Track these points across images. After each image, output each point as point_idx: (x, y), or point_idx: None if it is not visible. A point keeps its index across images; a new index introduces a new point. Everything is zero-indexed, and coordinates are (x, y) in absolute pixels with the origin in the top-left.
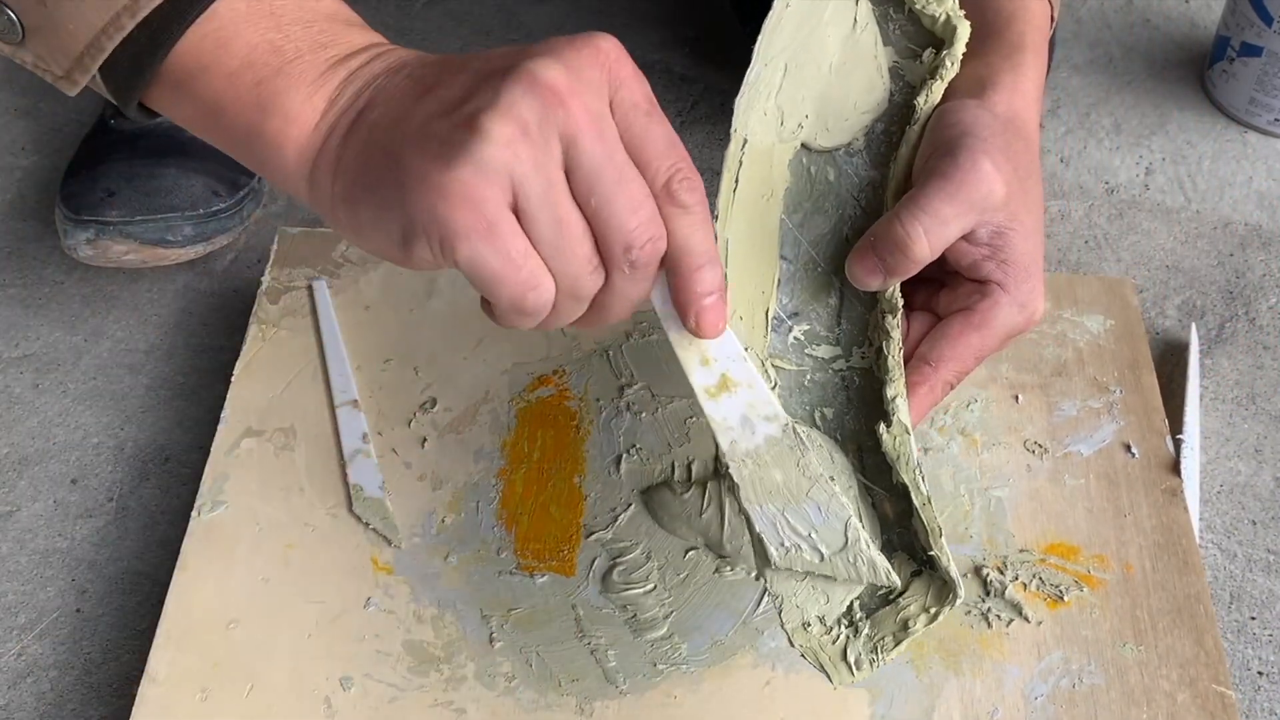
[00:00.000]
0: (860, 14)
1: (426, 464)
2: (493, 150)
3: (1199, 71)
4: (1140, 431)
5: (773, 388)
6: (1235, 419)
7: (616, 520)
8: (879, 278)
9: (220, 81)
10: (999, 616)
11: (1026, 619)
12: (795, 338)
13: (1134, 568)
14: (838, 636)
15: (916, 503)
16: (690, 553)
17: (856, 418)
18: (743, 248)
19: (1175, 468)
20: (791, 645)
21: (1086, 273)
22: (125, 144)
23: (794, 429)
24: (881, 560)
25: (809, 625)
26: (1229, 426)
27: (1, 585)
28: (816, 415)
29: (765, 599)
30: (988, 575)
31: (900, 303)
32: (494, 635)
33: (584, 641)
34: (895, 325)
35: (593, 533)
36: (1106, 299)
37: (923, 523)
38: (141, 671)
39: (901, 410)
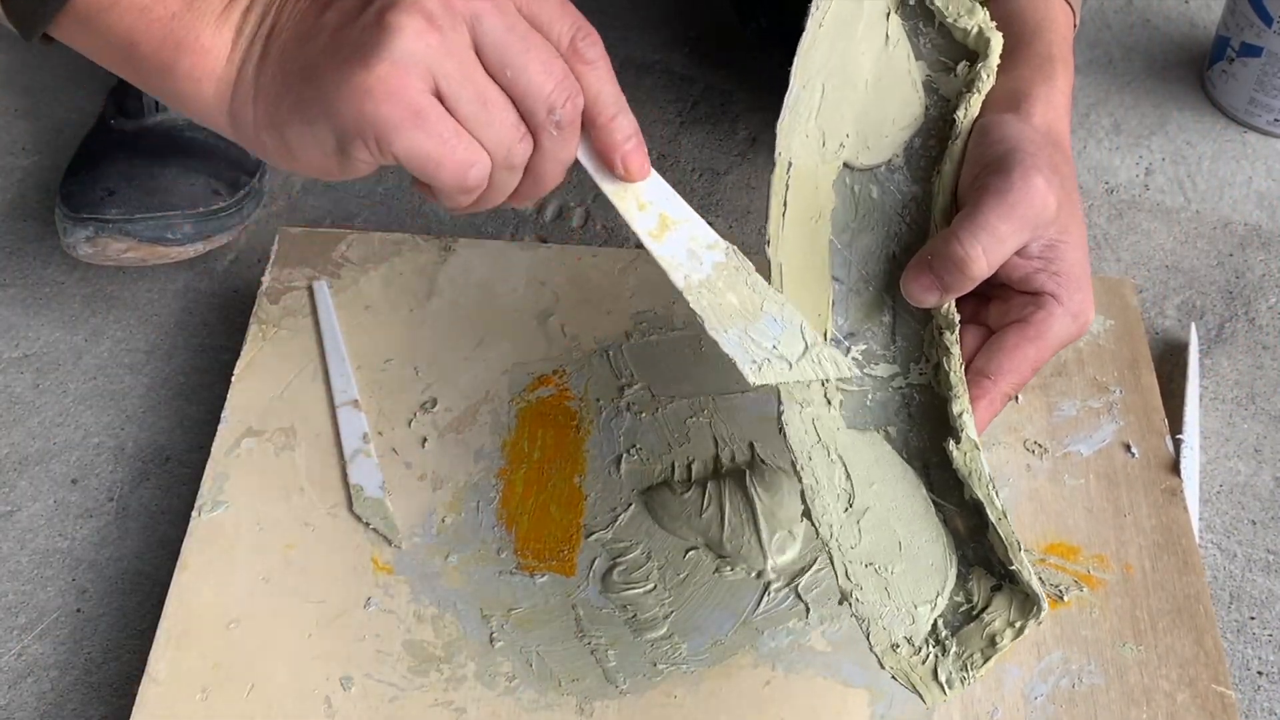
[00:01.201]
0: (891, 30)
1: (426, 464)
2: (406, 42)
3: (1199, 71)
4: (1140, 431)
5: (839, 407)
6: (1235, 419)
7: (616, 520)
8: (935, 295)
9: (131, 16)
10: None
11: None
12: (854, 358)
13: (1134, 568)
14: (927, 656)
15: (992, 518)
16: (690, 553)
17: (920, 435)
18: (796, 271)
19: (1175, 468)
20: (882, 667)
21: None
22: (125, 143)
23: (734, 251)
24: (841, 357)
25: (898, 647)
26: (1229, 426)
27: (1, 585)
28: (881, 433)
29: (765, 599)
30: None
31: (957, 318)
32: (494, 635)
33: (584, 641)
34: (954, 341)
35: (593, 533)
36: (1106, 299)
37: (1000, 537)
38: (141, 671)
39: (969, 426)
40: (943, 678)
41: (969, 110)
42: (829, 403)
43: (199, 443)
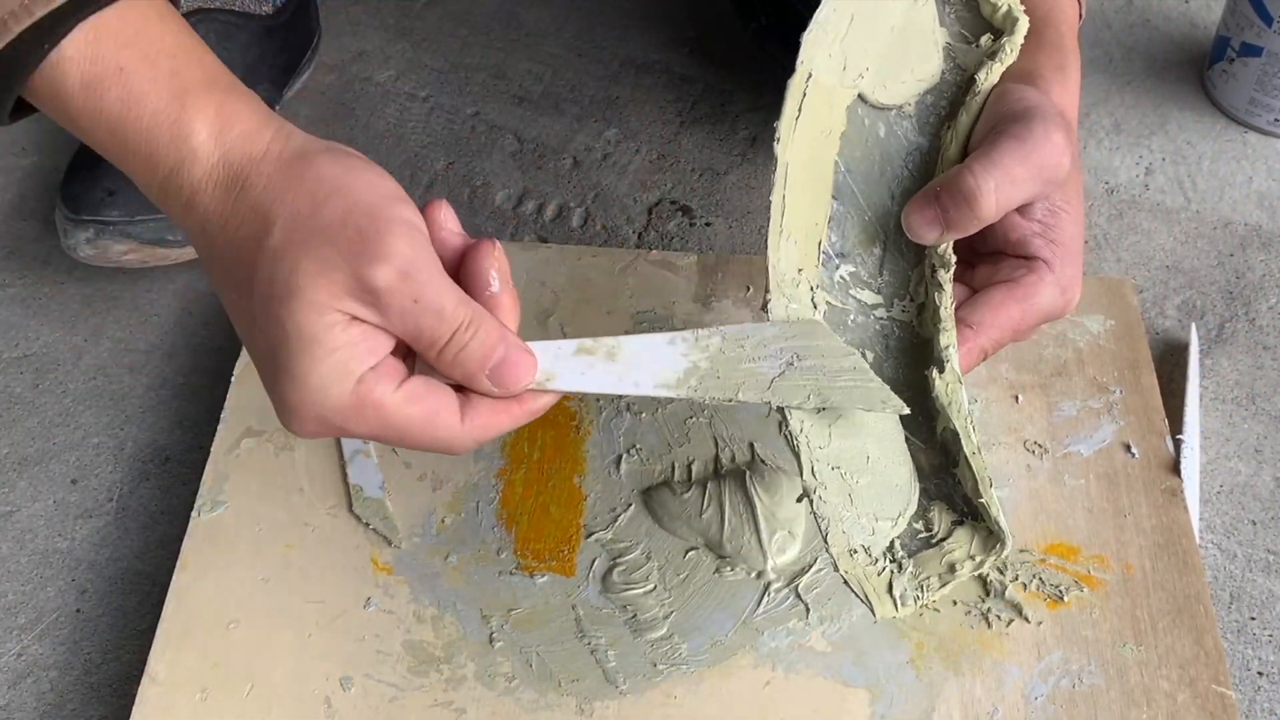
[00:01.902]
0: None
1: (426, 464)
2: (295, 430)
3: (1199, 71)
4: (1140, 431)
5: (821, 316)
6: (1235, 419)
7: (616, 520)
8: (937, 230)
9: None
10: (999, 616)
11: (1026, 619)
12: (841, 277)
13: (1134, 568)
14: (882, 569)
15: (966, 450)
16: (690, 553)
17: (894, 367)
18: (801, 175)
19: (1175, 468)
20: (836, 570)
21: (1086, 273)
22: None
23: (683, 339)
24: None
25: (855, 553)
26: (1229, 426)
27: (1, 585)
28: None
29: (765, 599)
30: (988, 575)
31: (953, 259)
32: (494, 635)
33: (584, 641)
34: (948, 280)
35: (593, 533)
36: (1106, 299)
37: (971, 471)
38: (141, 671)
39: (954, 359)
40: (897, 592)
41: (989, 75)
42: (814, 307)
43: (199, 443)
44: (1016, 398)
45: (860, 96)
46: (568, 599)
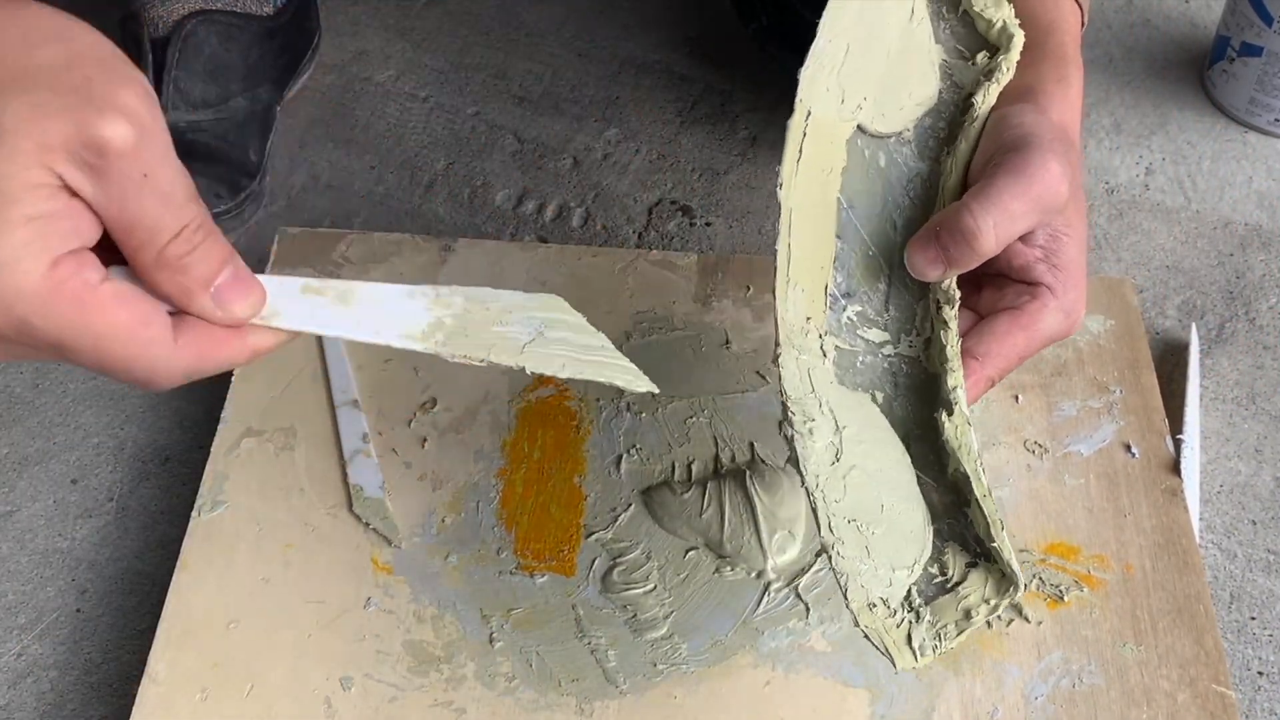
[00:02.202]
0: (917, 6)
1: (426, 464)
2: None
3: (1199, 71)
4: (1140, 431)
5: (832, 363)
6: (1235, 419)
7: (616, 520)
8: (940, 269)
9: None
10: (999, 616)
11: (1026, 619)
12: (849, 318)
13: (1134, 568)
14: (901, 620)
15: (977, 493)
16: (690, 553)
17: (904, 405)
18: (804, 219)
19: (1175, 468)
20: (856, 625)
21: (1086, 273)
22: None
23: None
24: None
25: (874, 607)
26: (1229, 426)
27: (1, 585)
28: (869, 397)
29: (765, 599)
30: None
31: (957, 295)
32: (494, 635)
33: (584, 641)
34: (953, 316)
35: (593, 533)
36: (1106, 299)
37: (982, 514)
38: (141, 671)
39: (962, 401)
40: (915, 643)
41: (986, 98)
42: (824, 355)
43: (199, 443)
44: (1016, 398)
45: (859, 127)
46: (568, 599)
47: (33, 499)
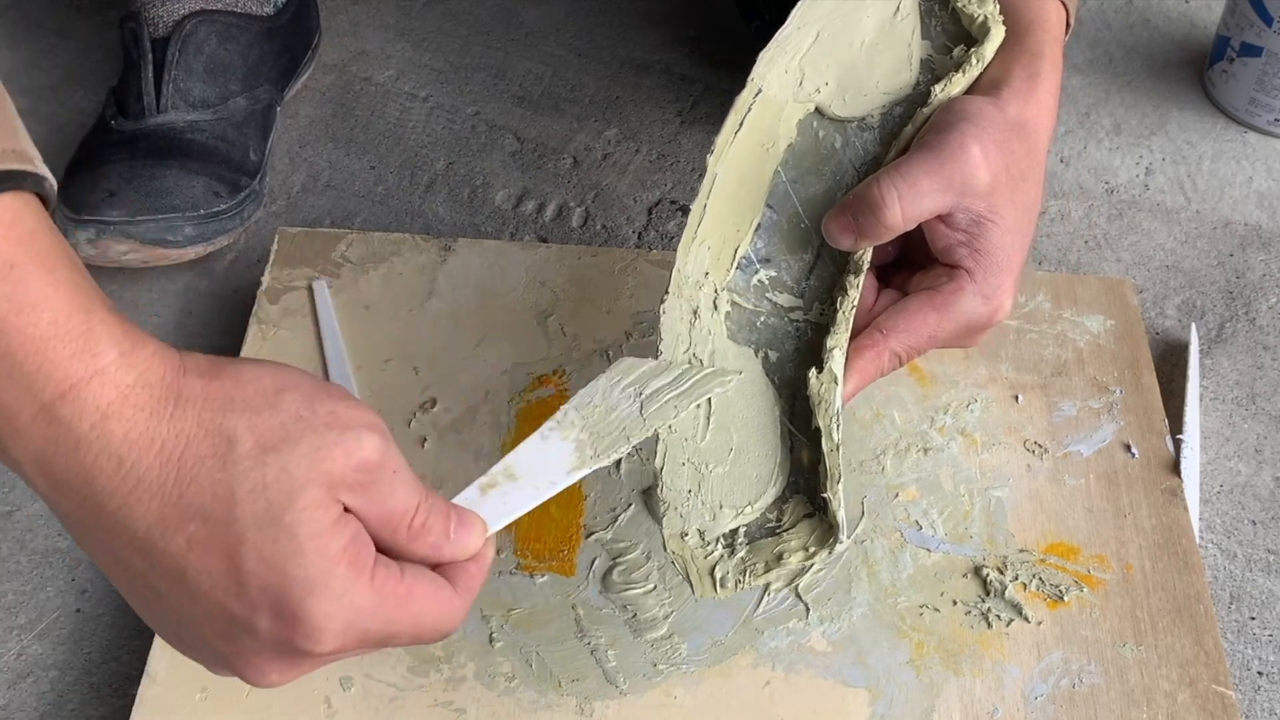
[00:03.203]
0: (905, 4)
1: (426, 464)
2: (271, 681)
3: (1199, 71)
4: (1140, 431)
5: (725, 317)
6: (1235, 419)
7: (616, 520)
8: (850, 236)
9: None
10: (999, 616)
11: (1026, 619)
12: (759, 280)
13: (1134, 568)
14: (711, 553)
15: (825, 449)
16: None
17: (797, 367)
18: (729, 186)
19: (1175, 468)
20: (664, 550)
21: (1086, 273)
22: (126, 144)
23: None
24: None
25: (686, 535)
26: (1229, 426)
27: (1, 585)
28: (759, 354)
29: (765, 599)
30: (988, 575)
31: (866, 265)
32: (494, 635)
33: (584, 641)
34: (854, 285)
35: (593, 533)
36: (1106, 299)
37: (825, 467)
38: (141, 671)
39: (835, 360)
40: (719, 575)
41: (948, 88)
42: (715, 309)
43: None
44: (1016, 398)
45: (818, 109)
46: (568, 599)
47: (33, 499)
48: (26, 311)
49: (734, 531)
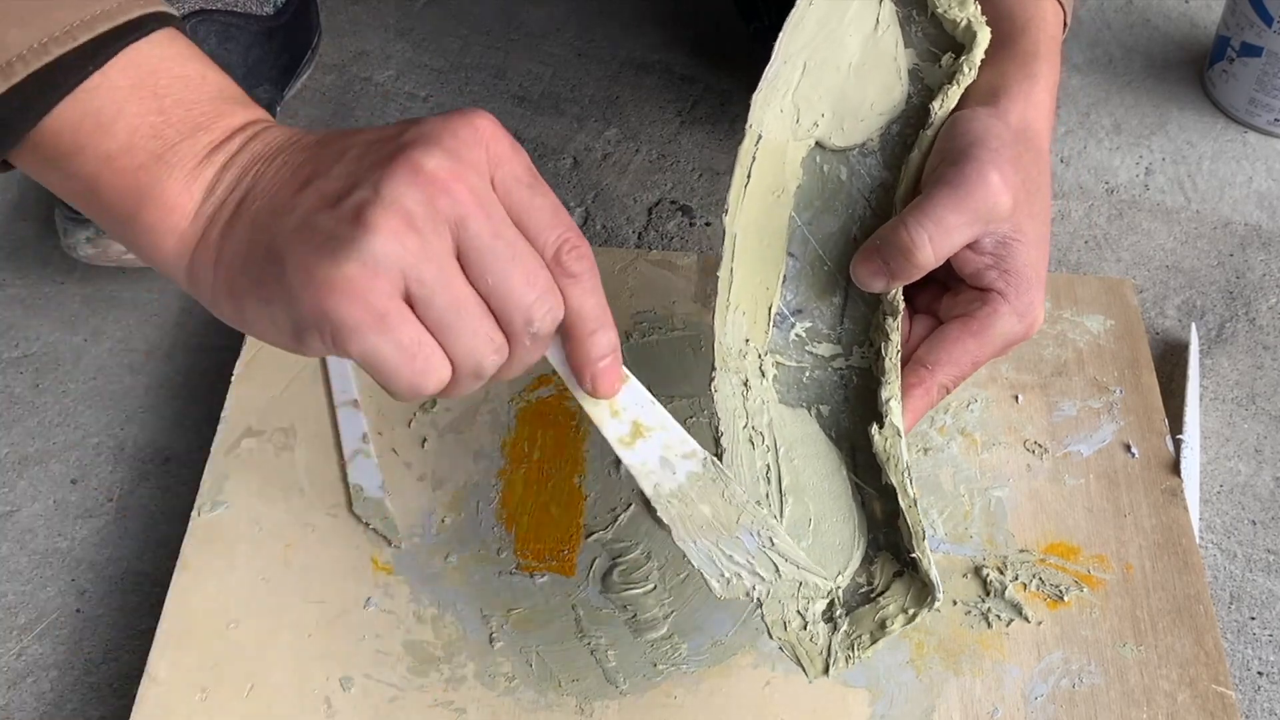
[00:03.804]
0: (883, 15)
1: (426, 464)
2: (380, 244)
3: (1199, 71)
4: (1140, 431)
5: (773, 381)
6: (1235, 419)
7: (616, 520)
8: (882, 280)
9: (97, 164)
10: (999, 616)
11: (1026, 619)
12: (797, 334)
13: (1134, 568)
14: (815, 634)
15: (903, 505)
16: None
17: (852, 416)
18: (750, 242)
19: (1175, 468)
20: (770, 638)
21: (1086, 273)
22: None
23: (712, 462)
24: (821, 578)
25: (787, 624)
26: (1229, 426)
27: (1, 585)
28: (813, 411)
29: None
30: (988, 575)
31: (901, 305)
32: (494, 635)
33: (584, 641)
34: (895, 328)
35: (593, 533)
36: (1106, 299)
37: (907, 524)
38: (141, 671)
39: (894, 412)
40: (829, 655)
41: (945, 102)
42: (763, 376)
43: (199, 443)
44: (1016, 398)
45: (818, 143)
46: (568, 599)
47: (33, 499)
48: (194, 88)
49: (830, 603)
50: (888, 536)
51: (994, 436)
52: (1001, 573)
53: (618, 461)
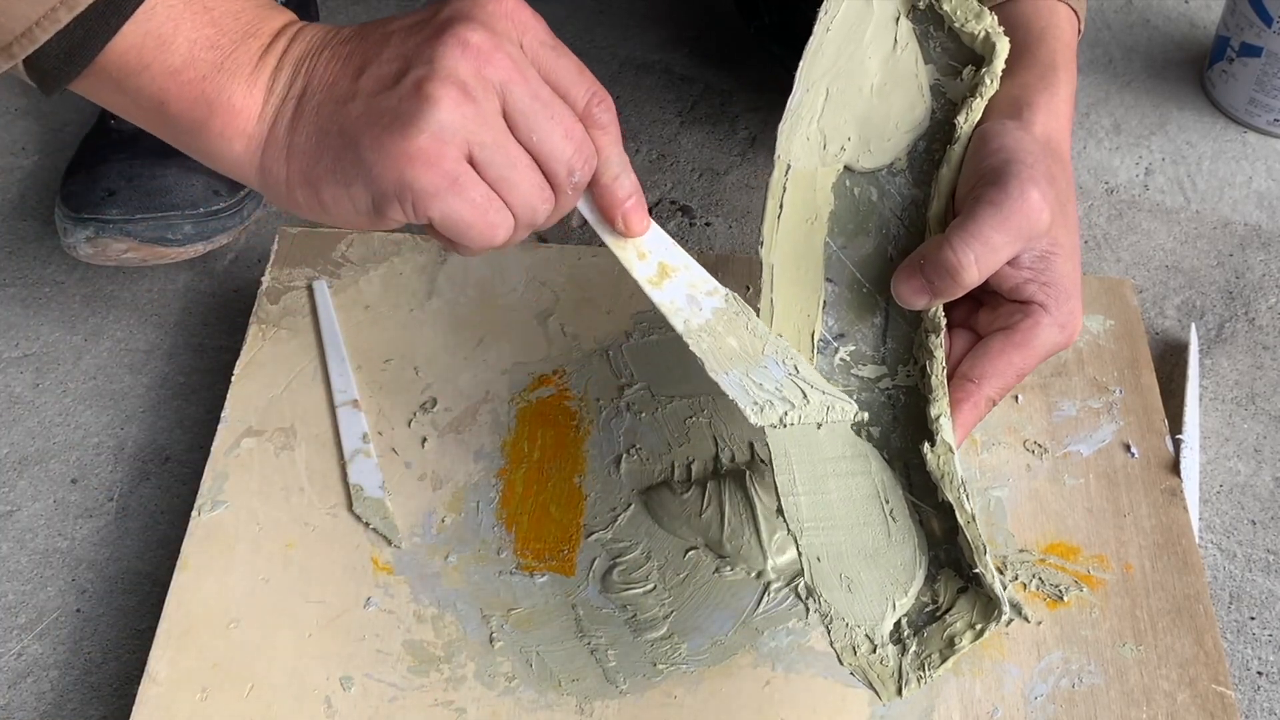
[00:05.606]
0: (901, 34)
1: (426, 464)
2: (444, 114)
3: (1199, 71)
4: (1140, 431)
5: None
6: (1235, 419)
7: (616, 520)
8: (925, 298)
9: (163, 79)
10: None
11: (1026, 619)
12: (841, 359)
13: (1134, 568)
14: (884, 656)
15: (960, 521)
16: (690, 553)
17: (903, 436)
18: (787, 272)
19: (1175, 468)
20: (840, 664)
21: (1086, 273)
22: (126, 144)
23: (734, 297)
24: (845, 401)
25: (858, 646)
26: (1229, 426)
27: (1, 585)
28: (863, 434)
29: (765, 599)
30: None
31: (944, 322)
32: (494, 635)
33: (584, 641)
34: (939, 345)
35: (593, 533)
36: (1106, 299)
37: (968, 540)
38: (141, 671)
39: (945, 429)
40: (901, 677)
41: (970, 116)
42: (808, 403)
43: (199, 443)
44: (1016, 398)
45: (846, 167)
46: (568, 599)
47: (33, 499)
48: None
49: (898, 624)
50: (948, 553)
51: (994, 436)
52: (1001, 573)
53: (618, 461)
